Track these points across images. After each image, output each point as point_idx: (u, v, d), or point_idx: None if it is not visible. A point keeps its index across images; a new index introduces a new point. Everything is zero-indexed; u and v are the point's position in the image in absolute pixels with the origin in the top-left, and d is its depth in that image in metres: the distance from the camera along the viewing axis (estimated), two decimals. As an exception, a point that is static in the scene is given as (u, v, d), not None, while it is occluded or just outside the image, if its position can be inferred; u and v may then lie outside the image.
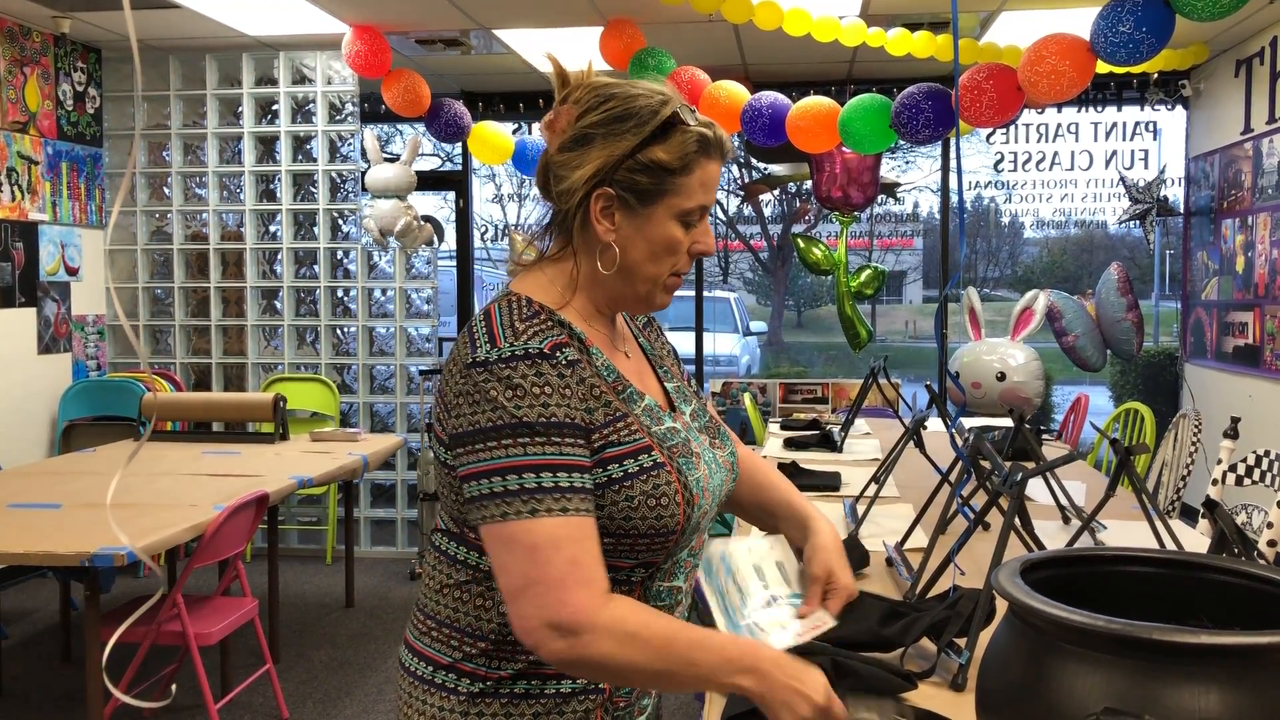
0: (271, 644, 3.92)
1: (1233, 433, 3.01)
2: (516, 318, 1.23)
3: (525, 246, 1.39)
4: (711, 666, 1.14)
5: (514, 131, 6.29)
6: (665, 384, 1.41)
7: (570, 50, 5.54)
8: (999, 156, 6.66)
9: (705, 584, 1.35)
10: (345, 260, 5.88)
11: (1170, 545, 2.00)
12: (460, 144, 6.04)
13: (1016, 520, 1.68)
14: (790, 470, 3.16)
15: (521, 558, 1.14)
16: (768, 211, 9.57)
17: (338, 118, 5.79)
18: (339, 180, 5.82)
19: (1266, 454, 3.02)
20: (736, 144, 7.49)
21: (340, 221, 5.89)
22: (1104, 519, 2.41)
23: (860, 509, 2.54)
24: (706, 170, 1.28)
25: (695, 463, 1.29)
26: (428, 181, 6.74)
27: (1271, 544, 2.39)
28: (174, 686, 3.39)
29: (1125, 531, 2.39)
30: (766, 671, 1.13)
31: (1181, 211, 6.31)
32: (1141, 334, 5.84)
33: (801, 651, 1.43)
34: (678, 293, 1.37)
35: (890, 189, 6.59)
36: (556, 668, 1.21)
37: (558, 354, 1.19)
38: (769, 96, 4.86)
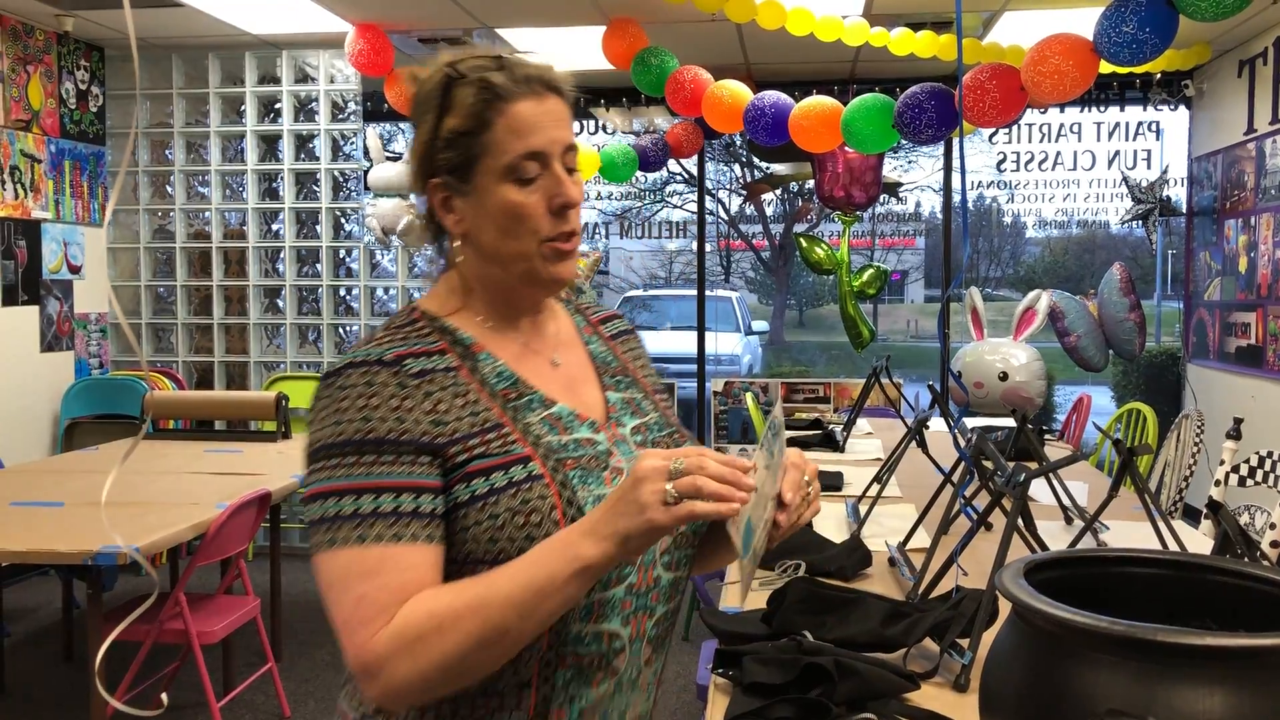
0: (273, 642, 3.93)
1: (1235, 433, 3.01)
2: (384, 327, 1.16)
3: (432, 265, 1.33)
4: (540, 594, 0.99)
5: (516, 130, 6.28)
6: (608, 393, 1.25)
7: (573, 49, 5.54)
8: (1001, 156, 6.65)
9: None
10: (348, 259, 5.88)
11: (1173, 546, 2.00)
12: (463, 143, 6.03)
13: (1019, 521, 1.67)
14: (792, 470, 3.15)
15: (327, 599, 1.04)
16: (770, 211, 9.57)
17: (340, 116, 5.79)
18: (341, 179, 5.82)
19: (1269, 455, 3.02)
20: (739, 143, 7.52)
21: (343, 220, 5.90)
22: (1106, 520, 2.41)
23: (862, 509, 2.54)
24: (511, 116, 1.12)
25: (606, 479, 1.13)
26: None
27: (1275, 545, 2.39)
28: (164, 696, 3.38)
29: (1128, 532, 2.39)
30: (597, 541, 0.98)
31: (1184, 212, 6.30)
32: (1144, 334, 5.84)
33: (806, 653, 1.43)
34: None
35: (892, 188, 6.58)
36: (400, 708, 1.10)
37: (405, 363, 1.09)
38: (772, 96, 4.86)
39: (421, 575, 1.03)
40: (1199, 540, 2.38)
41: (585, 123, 6.76)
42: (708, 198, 7.05)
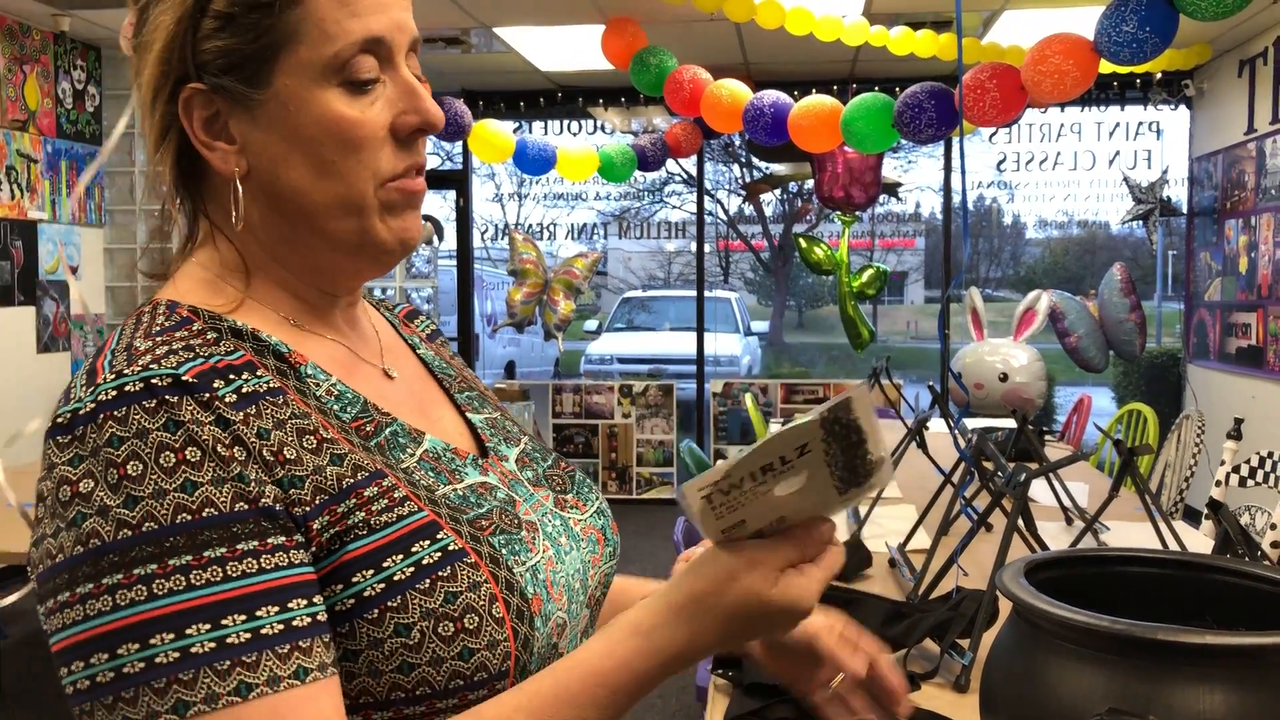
0: None
1: (1236, 434, 3.00)
2: (141, 333, 0.71)
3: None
4: (628, 693, 0.71)
5: (515, 130, 6.29)
6: (469, 415, 0.90)
7: (571, 49, 5.54)
8: (1001, 156, 6.65)
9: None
10: (346, 259, 5.88)
11: (1174, 546, 1.99)
12: (461, 143, 6.04)
13: (1020, 521, 1.66)
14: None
15: None
16: (769, 211, 9.58)
17: (339, 116, 5.79)
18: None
19: (1270, 455, 3.01)
20: (738, 143, 7.51)
21: (341, 220, 5.90)
22: (1106, 520, 2.40)
23: (862, 510, 2.54)
24: None
25: (528, 541, 0.78)
26: (428, 180, 6.72)
27: (1275, 545, 2.38)
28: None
29: (1128, 533, 2.38)
30: (697, 656, 0.72)
31: (1184, 212, 6.30)
32: (1144, 335, 5.83)
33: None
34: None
35: (892, 189, 6.58)
36: None
37: (214, 384, 0.68)
38: (771, 95, 4.85)
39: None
40: (1200, 540, 2.37)
41: (584, 122, 6.76)
42: (707, 198, 7.06)
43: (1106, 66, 3.97)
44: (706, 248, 6.91)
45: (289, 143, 0.74)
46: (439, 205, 7.57)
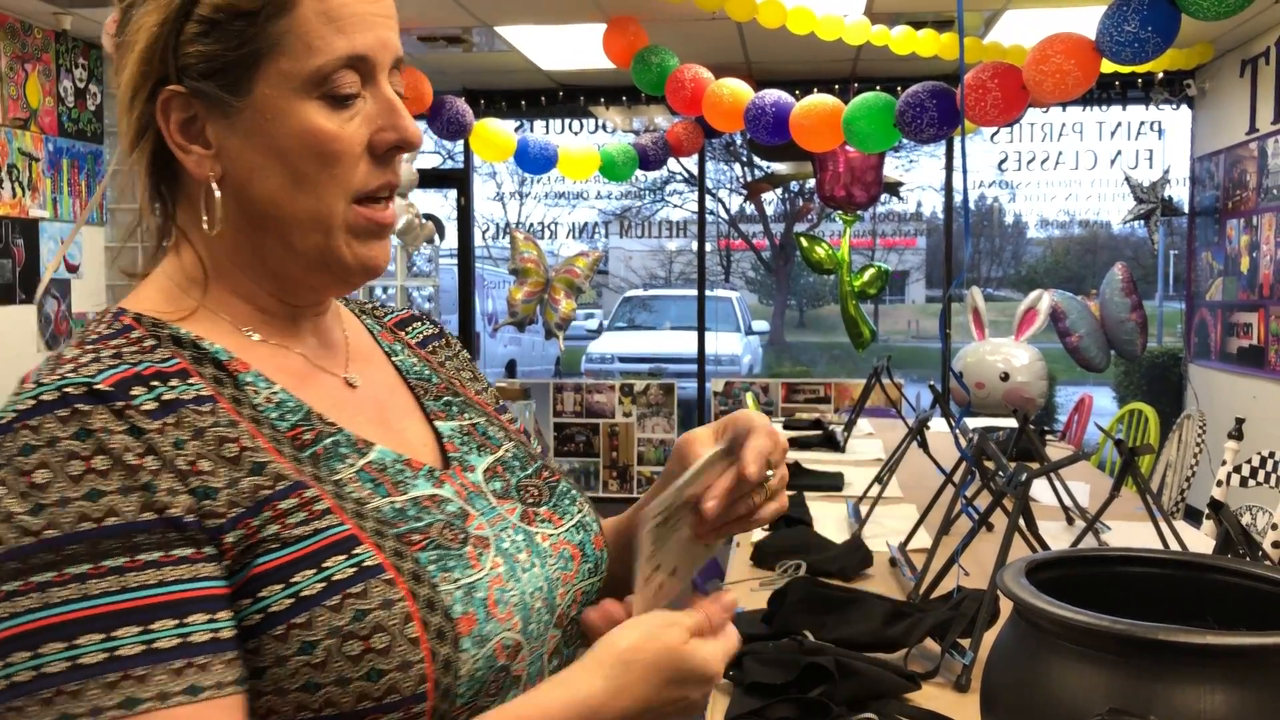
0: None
1: (1237, 434, 3.00)
2: (76, 341, 0.73)
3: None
4: None
5: (516, 129, 6.28)
6: (437, 424, 0.87)
7: (573, 48, 5.54)
8: (1003, 156, 6.65)
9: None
10: (347, 258, 5.88)
11: (1175, 546, 1.99)
12: (462, 141, 6.04)
13: (1021, 521, 1.66)
14: (793, 470, 3.15)
15: None
16: (770, 210, 9.57)
17: (340, 115, 5.79)
18: (341, 178, 5.82)
19: (1271, 455, 3.01)
20: (740, 142, 7.51)
21: (342, 219, 5.89)
22: (1108, 520, 2.40)
23: (863, 509, 2.54)
24: None
25: (471, 557, 0.76)
26: (429, 179, 6.73)
27: (1276, 545, 2.38)
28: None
29: (1129, 532, 2.38)
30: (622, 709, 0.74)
31: (1186, 211, 6.30)
32: (1145, 334, 5.83)
33: (807, 653, 1.42)
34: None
35: (893, 188, 6.58)
36: None
37: (132, 394, 0.68)
38: (772, 95, 4.85)
39: None
40: (1201, 540, 2.37)
41: (585, 121, 6.76)
42: (708, 197, 7.06)
43: (1108, 66, 3.97)
44: (707, 247, 6.90)
45: (265, 152, 0.74)
46: (440, 204, 7.57)
